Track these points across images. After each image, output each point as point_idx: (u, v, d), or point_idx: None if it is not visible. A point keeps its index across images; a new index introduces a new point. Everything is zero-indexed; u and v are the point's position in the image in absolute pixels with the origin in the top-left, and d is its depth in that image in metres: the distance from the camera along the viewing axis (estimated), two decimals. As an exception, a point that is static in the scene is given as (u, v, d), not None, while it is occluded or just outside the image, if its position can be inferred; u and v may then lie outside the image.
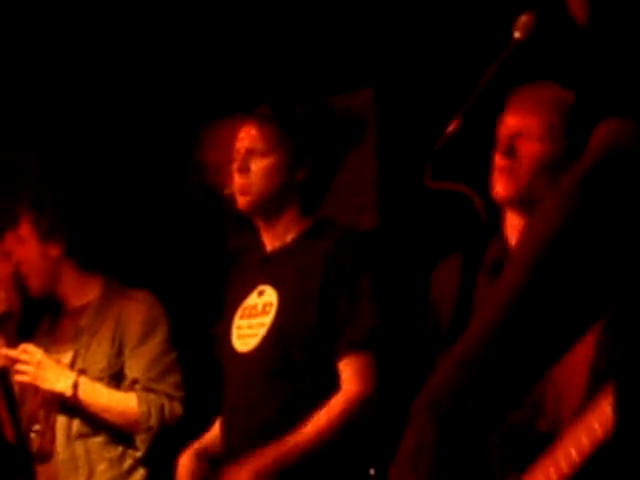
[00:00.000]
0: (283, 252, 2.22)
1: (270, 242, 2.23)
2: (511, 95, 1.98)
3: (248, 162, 2.19)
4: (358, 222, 3.15)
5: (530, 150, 1.85)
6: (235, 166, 2.23)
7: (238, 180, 2.20)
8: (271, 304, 2.19)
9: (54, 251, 2.63)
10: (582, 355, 1.42)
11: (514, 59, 1.52)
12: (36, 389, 2.55)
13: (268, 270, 2.23)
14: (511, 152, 1.82)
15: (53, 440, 2.46)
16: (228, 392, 2.20)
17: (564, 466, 1.61)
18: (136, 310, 2.52)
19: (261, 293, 2.24)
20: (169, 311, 2.72)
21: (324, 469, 2.12)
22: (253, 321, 2.23)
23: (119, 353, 2.54)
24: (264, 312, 2.20)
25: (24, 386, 2.59)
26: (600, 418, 1.49)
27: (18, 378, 2.53)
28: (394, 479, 1.31)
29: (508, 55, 1.52)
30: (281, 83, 3.57)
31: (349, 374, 2.11)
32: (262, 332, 2.17)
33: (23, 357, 2.49)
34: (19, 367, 2.49)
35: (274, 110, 2.27)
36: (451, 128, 1.49)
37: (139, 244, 3.41)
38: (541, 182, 1.82)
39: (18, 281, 2.66)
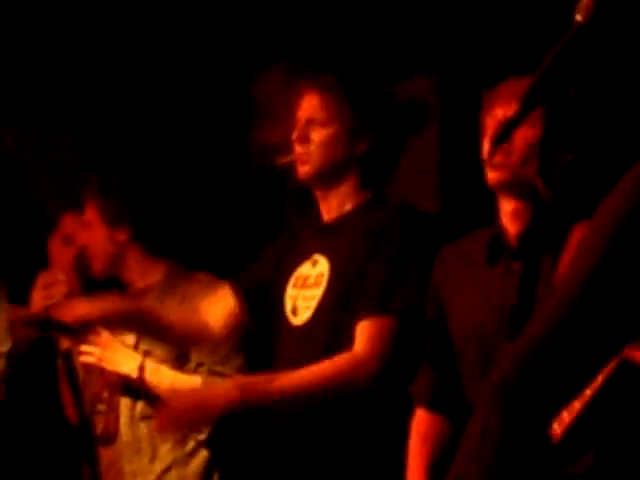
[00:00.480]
0: (339, 223, 2.21)
1: (327, 213, 2.23)
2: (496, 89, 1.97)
3: (308, 132, 2.17)
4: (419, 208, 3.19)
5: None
6: (295, 135, 2.21)
7: (298, 150, 2.18)
8: (322, 275, 2.17)
9: (121, 236, 2.64)
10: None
11: (576, 43, 1.47)
12: (101, 371, 2.60)
13: (323, 240, 2.22)
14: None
15: (117, 422, 2.51)
16: (279, 364, 2.18)
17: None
18: (199, 293, 2.52)
19: (315, 263, 2.22)
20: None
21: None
22: (307, 293, 2.21)
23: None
24: (316, 284, 2.18)
25: (88, 368, 2.64)
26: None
27: (83, 359, 2.58)
28: (458, 464, 1.33)
29: (570, 39, 1.46)
30: (343, 68, 3.58)
31: (363, 336, 2.05)
32: (314, 305, 2.16)
33: (92, 339, 2.56)
34: (84, 348, 2.54)
35: (338, 80, 2.25)
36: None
37: (202, 227, 3.47)
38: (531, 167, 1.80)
39: (80, 264, 2.71)
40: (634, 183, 1.29)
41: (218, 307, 2.32)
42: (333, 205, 2.23)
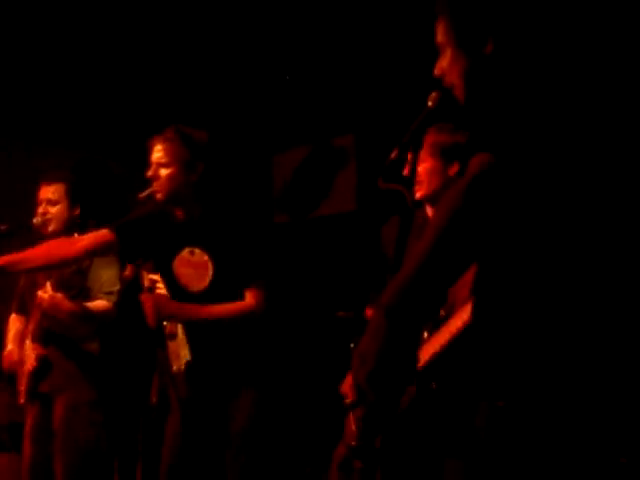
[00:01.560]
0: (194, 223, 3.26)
1: (180, 217, 3.27)
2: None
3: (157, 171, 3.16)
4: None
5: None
6: (149, 174, 3.17)
7: (153, 184, 3.16)
8: (206, 260, 3.28)
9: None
10: (469, 275, 1.97)
11: (427, 118, 2.24)
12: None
13: (192, 234, 3.29)
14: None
15: (176, 326, 3.46)
16: None
17: (452, 329, 2.58)
18: None
19: (192, 252, 3.31)
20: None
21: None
22: (196, 271, 3.30)
23: None
24: (203, 266, 3.30)
25: None
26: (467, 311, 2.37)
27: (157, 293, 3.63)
28: (356, 358, 1.82)
29: (424, 116, 2.25)
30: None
31: (249, 296, 3.18)
32: (205, 283, 3.26)
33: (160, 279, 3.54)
34: (158, 285, 3.59)
35: (177, 131, 3.20)
36: (393, 155, 2.25)
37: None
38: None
39: None
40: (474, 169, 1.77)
41: None
42: (181, 214, 3.21)
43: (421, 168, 2.91)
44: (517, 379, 1.85)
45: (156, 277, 3.53)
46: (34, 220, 3.95)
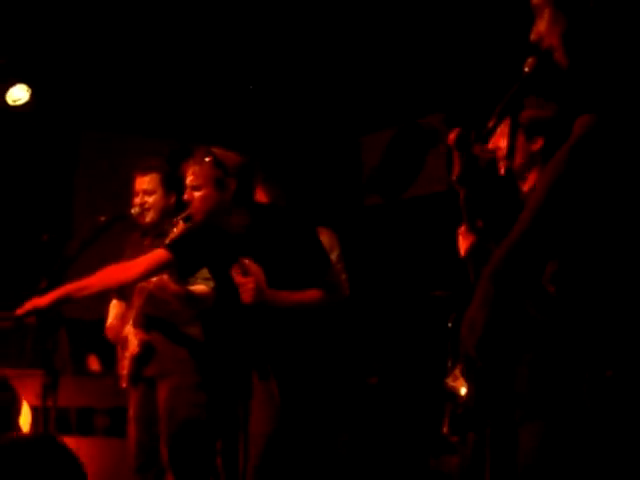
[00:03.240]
0: None
1: None
2: None
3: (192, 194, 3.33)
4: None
5: None
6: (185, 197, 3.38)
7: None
8: None
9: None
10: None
11: (524, 85, 2.15)
12: None
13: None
14: None
15: None
16: None
17: None
18: None
19: None
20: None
21: None
22: None
23: None
24: None
25: None
26: None
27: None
28: (464, 326, 1.83)
29: (522, 81, 2.16)
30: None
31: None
32: None
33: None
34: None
35: (209, 153, 3.32)
36: (491, 124, 2.24)
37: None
38: None
39: None
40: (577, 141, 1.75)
41: None
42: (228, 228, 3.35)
43: (503, 143, 2.79)
44: (625, 350, 1.84)
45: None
46: (132, 210, 4.03)
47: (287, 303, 3.16)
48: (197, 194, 3.26)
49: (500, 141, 2.78)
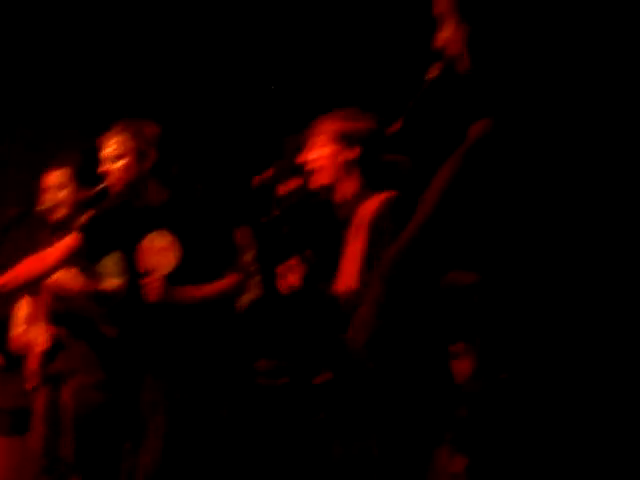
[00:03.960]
0: None
1: None
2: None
3: None
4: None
5: None
6: None
7: None
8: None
9: None
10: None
11: (428, 90, 2.22)
12: None
13: None
14: None
15: None
16: None
17: None
18: None
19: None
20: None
21: None
22: None
23: None
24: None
25: None
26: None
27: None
28: (358, 319, 1.91)
29: (425, 88, 2.25)
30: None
31: None
32: None
33: None
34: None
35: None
36: (398, 126, 2.34)
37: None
38: None
39: None
40: (461, 156, 1.83)
41: None
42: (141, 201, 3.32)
43: (312, 155, 2.77)
44: (520, 355, 1.87)
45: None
46: (42, 206, 3.94)
47: (193, 300, 3.11)
48: (116, 165, 3.19)
49: (309, 154, 2.75)
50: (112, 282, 3.92)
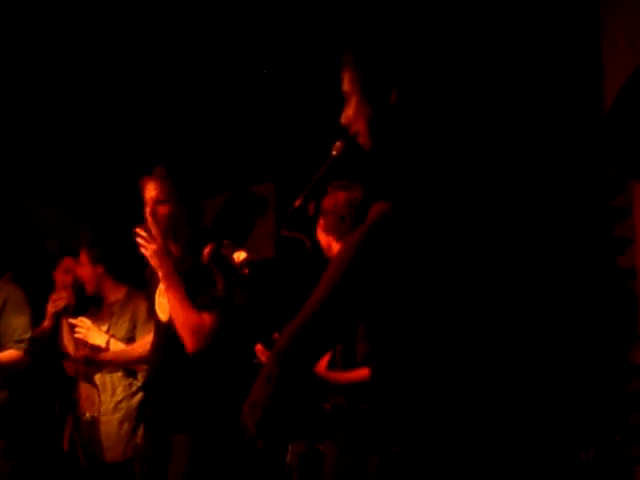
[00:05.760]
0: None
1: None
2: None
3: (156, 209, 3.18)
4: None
5: None
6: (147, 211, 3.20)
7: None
8: None
9: (99, 270, 4.06)
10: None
11: (333, 167, 2.31)
12: (85, 342, 4.02)
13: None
14: None
15: (95, 371, 3.94)
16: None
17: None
18: (144, 305, 3.93)
19: None
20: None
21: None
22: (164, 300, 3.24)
23: (134, 327, 3.94)
24: None
25: (78, 340, 4.05)
26: None
27: (76, 336, 3.99)
28: (246, 404, 1.79)
29: (329, 164, 2.33)
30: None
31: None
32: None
33: (80, 324, 3.97)
34: (77, 329, 3.98)
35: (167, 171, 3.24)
36: (297, 204, 2.34)
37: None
38: None
39: (76, 286, 4.11)
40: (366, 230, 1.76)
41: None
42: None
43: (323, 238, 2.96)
44: (409, 426, 1.86)
45: (76, 321, 3.91)
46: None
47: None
48: (162, 209, 3.17)
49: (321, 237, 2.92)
50: (12, 351, 4.09)
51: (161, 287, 3.21)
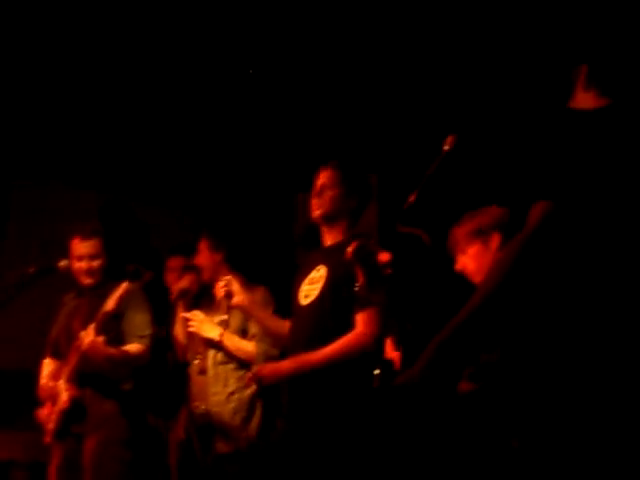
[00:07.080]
0: (335, 247, 3.33)
1: (328, 240, 3.36)
2: None
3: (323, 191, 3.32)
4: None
5: None
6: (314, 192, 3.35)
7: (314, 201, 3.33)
8: (322, 277, 3.32)
9: (218, 257, 4.15)
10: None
11: (445, 161, 2.37)
12: (199, 336, 4.09)
13: (325, 257, 3.36)
14: None
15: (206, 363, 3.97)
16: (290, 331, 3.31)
17: None
18: (259, 295, 4.02)
19: (319, 270, 3.37)
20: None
21: (335, 380, 3.07)
22: (313, 286, 3.33)
23: (247, 318, 3.89)
24: (319, 281, 3.32)
25: (192, 334, 4.09)
26: None
27: (189, 329, 4.07)
28: (408, 374, 1.94)
29: (441, 159, 2.39)
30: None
31: (359, 322, 3.12)
32: (316, 293, 3.28)
33: (193, 317, 4.06)
34: (190, 323, 4.05)
35: (339, 163, 3.39)
36: (412, 199, 2.38)
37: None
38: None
39: (198, 274, 4.15)
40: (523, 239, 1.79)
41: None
42: (332, 236, 3.35)
43: (466, 259, 2.92)
44: (532, 422, 1.89)
45: (190, 314, 4.03)
46: (71, 272, 4.18)
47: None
48: (328, 193, 3.39)
49: (462, 261, 2.93)
50: (136, 345, 4.13)
51: (313, 275, 3.28)
